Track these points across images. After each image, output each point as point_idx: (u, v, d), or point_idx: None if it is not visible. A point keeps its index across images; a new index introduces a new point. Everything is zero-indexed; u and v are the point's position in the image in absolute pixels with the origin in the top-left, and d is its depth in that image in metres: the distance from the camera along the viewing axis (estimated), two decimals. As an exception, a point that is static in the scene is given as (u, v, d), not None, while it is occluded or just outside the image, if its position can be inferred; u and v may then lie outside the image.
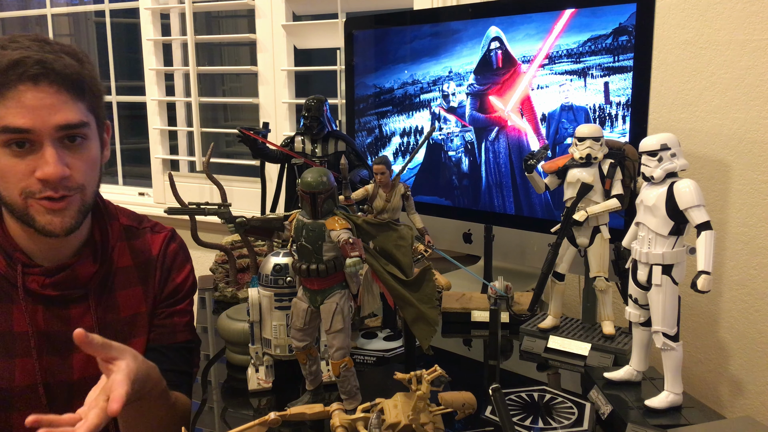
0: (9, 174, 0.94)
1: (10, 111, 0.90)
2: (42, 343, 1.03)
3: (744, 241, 1.54)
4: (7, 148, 0.92)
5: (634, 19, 1.28)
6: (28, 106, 0.91)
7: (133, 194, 2.67)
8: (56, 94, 0.93)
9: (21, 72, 0.90)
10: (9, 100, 0.90)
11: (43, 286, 1.02)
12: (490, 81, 1.51)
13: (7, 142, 0.92)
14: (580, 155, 1.17)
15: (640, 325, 1.03)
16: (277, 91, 2.29)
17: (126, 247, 1.13)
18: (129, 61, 2.76)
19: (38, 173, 0.93)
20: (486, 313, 1.37)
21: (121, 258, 1.12)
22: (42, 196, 0.94)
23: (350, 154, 1.51)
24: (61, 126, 0.93)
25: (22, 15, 2.91)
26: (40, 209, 0.95)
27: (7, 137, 0.91)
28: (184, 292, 1.17)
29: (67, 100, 0.94)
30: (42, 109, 0.91)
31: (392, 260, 1.02)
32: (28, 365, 1.02)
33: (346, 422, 0.88)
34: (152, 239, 1.16)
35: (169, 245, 1.17)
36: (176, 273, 1.17)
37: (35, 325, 1.02)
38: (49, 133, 0.93)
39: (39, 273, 1.02)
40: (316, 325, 1.03)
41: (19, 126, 0.90)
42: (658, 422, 0.93)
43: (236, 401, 1.15)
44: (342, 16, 2.09)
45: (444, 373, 0.89)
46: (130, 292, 1.11)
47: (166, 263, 1.16)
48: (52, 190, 0.94)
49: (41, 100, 0.91)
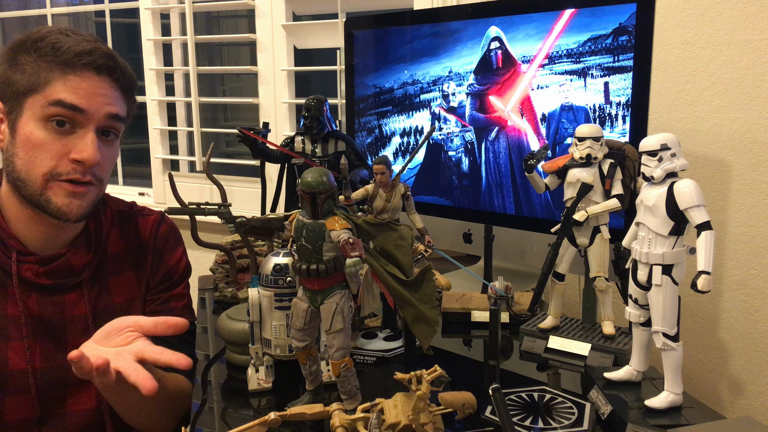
0: (41, 150, 0.96)
1: (69, 89, 0.95)
2: (36, 329, 1.03)
3: (744, 241, 1.54)
4: (48, 123, 0.95)
5: (634, 19, 1.28)
6: (88, 89, 0.96)
7: (133, 194, 2.68)
8: (112, 88, 0.99)
9: (91, 60, 0.96)
10: (70, 79, 0.95)
11: (37, 274, 1.03)
12: (490, 81, 1.51)
13: (50, 116, 0.95)
14: (580, 155, 1.17)
15: (640, 325, 1.03)
16: (277, 91, 2.29)
17: (118, 232, 1.14)
18: (129, 61, 2.74)
19: (75, 155, 0.96)
20: (486, 313, 1.37)
21: (114, 244, 1.13)
22: (68, 178, 0.97)
23: (350, 154, 1.51)
24: (111, 115, 0.99)
25: (22, 15, 2.91)
26: (60, 191, 0.97)
27: (56, 111, 0.95)
28: (178, 274, 1.18)
29: (119, 97, 1.01)
30: (98, 96, 0.97)
31: (392, 260, 1.02)
32: (21, 349, 1.02)
33: (346, 422, 0.88)
34: (143, 222, 1.17)
35: (160, 227, 1.18)
36: (169, 255, 1.17)
37: (28, 311, 1.03)
38: (97, 119, 0.97)
39: (33, 261, 1.03)
40: (316, 325, 1.03)
41: (74, 103, 0.95)
42: (658, 422, 0.93)
43: (236, 401, 1.15)
44: (342, 16, 2.09)
45: (444, 373, 0.89)
46: (123, 278, 1.12)
47: (157, 246, 1.16)
48: (81, 174, 0.97)
49: (101, 88, 0.98)
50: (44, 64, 0.96)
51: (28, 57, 0.96)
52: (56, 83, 0.95)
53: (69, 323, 1.05)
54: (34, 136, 0.95)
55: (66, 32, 0.99)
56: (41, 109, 0.95)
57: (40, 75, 0.95)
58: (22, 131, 0.96)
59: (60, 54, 0.95)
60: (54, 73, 0.95)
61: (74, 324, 1.05)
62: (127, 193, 2.66)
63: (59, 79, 0.95)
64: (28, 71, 0.96)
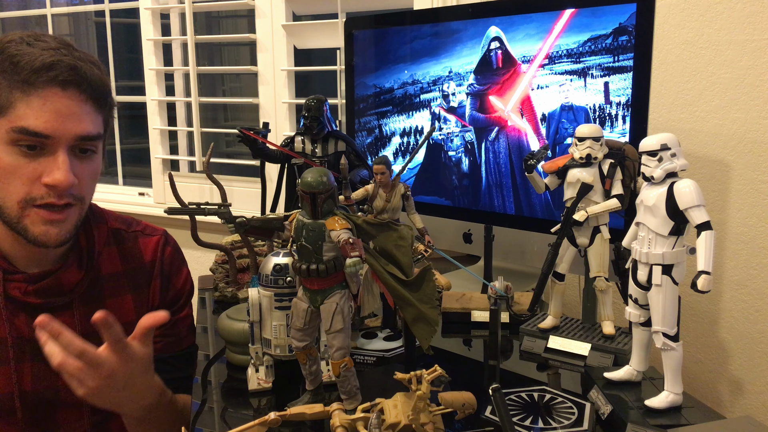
0: (12, 176, 0.90)
1: (32, 112, 0.87)
2: (25, 350, 0.99)
3: (744, 241, 1.54)
4: (16, 147, 0.89)
5: (634, 19, 1.28)
6: (53, 110, 0.88)
7: (133, 194, 2.67)
8: (82, 103, 0.91)
9: (53, 76, 0.88)
10: (33, 100, 0.88)
11: (25, 293, 0.98)
12: (490, 81, 1.51)
13: (17, 141, 0.88)
14: (580, 155, 1.17)
15: (640, 325, 1.03)
16: (277, 91, 2.29)
17: (116, 252, 1.09)
18: (129, 61, 2.76)
19: (47, 179, 0.90)
20: (486, 313, 1.37)
21: (110, 264, 1.08)
22: (43, 203, 0.91)
23: (350, 154, 1.50)
24: (81, 136, 0.91)
25: (22, 15, 2.91)
26: (37, 219, 0.92)
27: (21, 138, 0.88)
28: (184, 296, 1.16)
29: (90, 111, 0.92)
30: (65, 116, 0.89)
31: (392, 260, 1.02)
32: (7, 372, 0.98)
33: (346, 422, 0.88)
34: (144, 243, 1.13)
35: (165, 250, 1.13)
36: (175, 278, 1.14)
37: (17, 331, 0.98)
38: (67, 141, 0.90)
39: (21, 280, 0.98)
40: (316, 325, 1.03)
41: (39, 131, 0.87)
42: (658, 422, 0.93)
43: (236, 401, 1.15)
44: (342, 16, 2.09)
45: (444, 373, 0.89)
46: (119, 300, 1.07)
47: (164, 270, 1.12)
48: (56, 197, 0.91)
49: (67, 107, 0.89)
50: (5, 82, 0.88)
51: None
52: (19, 105, 0.87)
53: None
54: (4, 162, 0.89)
55: (28, 40, 0.90)
56: (7, 135, 0.88)
57: (2, 96, 0.88)
58: None
59: (19, 71, 0.87)
60: (15, 93, 0.87)
61: None
62: (126, 193, 2.65)
63: (22, 100, 0.87)
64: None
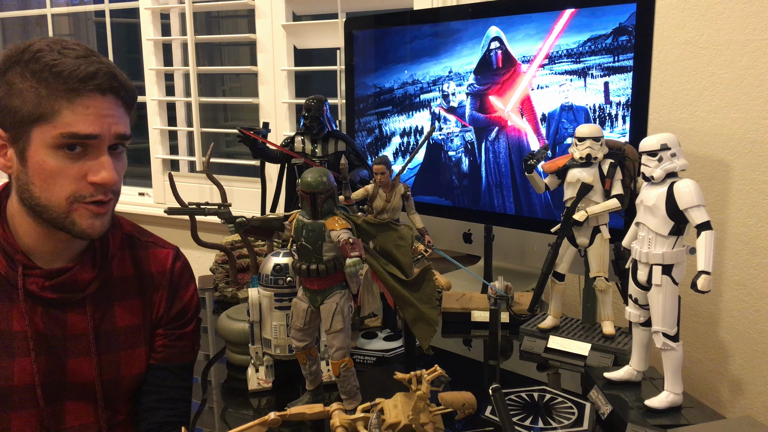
0: (59, 176, 0.96)
1: (79, 118, 0.94)
2: (40, 344, 1.03)
3: (744, 241, 1.54)
4: (59, 150, 0.95)
5: (634, 19, 1.28)
6: (96, 114, 0.95)
7: (133, 194, 2.67)
8: (117, 106, 0.98)
9: (97, 84, 0.95)
10: (78, 106, 0.94)
11: (42, 288, 1.02)
12: (490, 81, 1.51)
13: (61, 145, 0.95)
14: (580, 155, 1.17)
15: (640, 325, 1.03)
16: (277, 91, 2.29)
17: (128, 256, 1.13)
18: (129, 61, 2.76)
19: (95, 177, 0.96)
20: (486, 313, 1.37)
21: (122, 267, 1.12)
22: (92, 200, 0.98)
23: (350, 154, 1.51)
24: (120, 135, 0.99)
25: (22, 15, 2.91)
26: (86, 213, 0.98)
27: (70, 142, 0.95)
28: (191, 311, 1.17)
29: (123, 114, 1.00)
30: (107, 118, 0.96)
31: (392, 260, 1.02)
32: (27, 365, 1.02)
33: (346, 422, 0.88)
34: (155, 254, 1.16)
35: (175, 264, 1.17)
36: (183, 291, 1.16)
37: (33, 326, 1.03)
38: (108, 140, 0.97)
39: (39, 275, 1.03)
40: (316, 325, 1.03)
41: (89, 133, 0.94)
42: (658, 422, 0.93)
43: (236, 401, 1.15)
44: (342, 16, 2.09)
45: (444, 373, 0.89)
46: (127, 304, 1.11)
47: (173, 281, 1.15)
48: (102, 194, 0.98)
49: (107, 110, 0.97)
50: (46, 91, 0.93)
51: (25, 81, 0.93)
52: (64, 112, 0.94)
53: (70, 341, 1.05)
54: (49, 165, 0.95)
55: (57, 48, 0.96)
56: (53, 140, 0.94)
57: (44, 104, 0.93)
58: (33, 161, 0.96)
59: (63, 80, 0.93)
60: (60, 101, 0.94)
61: (75, 343, 1.05)
62: (126, 193, 2.65)
63: (66, 107, 0.94)
64: (29, 99, 0.93)
